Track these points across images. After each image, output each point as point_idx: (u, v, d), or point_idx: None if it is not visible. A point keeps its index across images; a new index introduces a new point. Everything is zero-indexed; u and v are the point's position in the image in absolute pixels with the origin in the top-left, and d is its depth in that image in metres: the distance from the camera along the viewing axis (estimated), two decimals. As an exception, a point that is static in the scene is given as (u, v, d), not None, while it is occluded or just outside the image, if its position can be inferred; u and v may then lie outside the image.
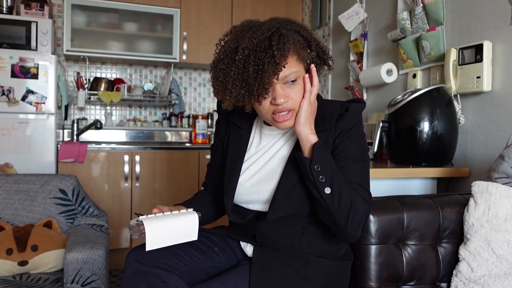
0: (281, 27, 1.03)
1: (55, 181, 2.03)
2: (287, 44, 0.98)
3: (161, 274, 1.04)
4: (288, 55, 0.99)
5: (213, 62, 1.06)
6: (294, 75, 1.02)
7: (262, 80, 0.97)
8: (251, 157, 1.18)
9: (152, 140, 3.65)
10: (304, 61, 1.06)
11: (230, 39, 1.04)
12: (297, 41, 1.03)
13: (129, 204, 3.03)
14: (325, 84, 3.23)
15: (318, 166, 1.00)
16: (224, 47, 1.04)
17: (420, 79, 2.17)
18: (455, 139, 1.83)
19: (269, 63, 0.96)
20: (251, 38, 0.98)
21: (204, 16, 3.43)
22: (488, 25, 1.77)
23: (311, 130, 1.05)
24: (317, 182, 1.00)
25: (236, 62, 0.98)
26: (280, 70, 0.98)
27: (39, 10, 2.85)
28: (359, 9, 2.64)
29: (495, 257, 1.19)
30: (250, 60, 0.97)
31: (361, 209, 1.03)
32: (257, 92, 0.99)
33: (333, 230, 1.07)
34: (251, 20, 1.08)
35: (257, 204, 1.15)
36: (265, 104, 1.04)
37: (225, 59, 1.01)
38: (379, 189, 1.73)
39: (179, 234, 1.05)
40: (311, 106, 1.05)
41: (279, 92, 1.02)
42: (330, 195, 1.00)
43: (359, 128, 1.10)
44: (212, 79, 1.06)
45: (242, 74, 0.98)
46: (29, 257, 1.73)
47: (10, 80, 2.69)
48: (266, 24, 1.02)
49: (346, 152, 1.08)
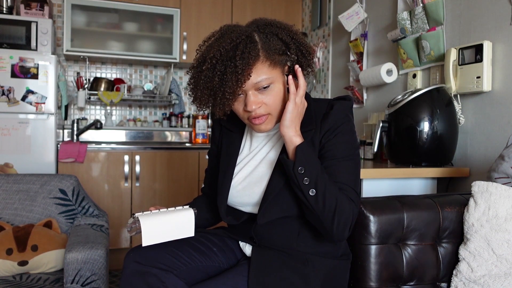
0: (258, 31, 1.03)
1: (55, 181, 2.03)
2: (252, 53, 0.98)
3: (160, 274, 1.04)
4: (255, 63, 0.99)
5: (189, 68, 1.08)
6: (266, 81, 1.02)
7: (224, 90, 0.98)
8: (243, 159, 1.19)
9: (152, 140, 3.65)
10: (281, 65, 1.05)
11: (206, 46, 1.06)
12: (273, 46, 1.02)
13: (129, 204, 3.03)
14: (325, 84, 3.23)
15: (302, 168, 1.00)
16: (199, 54, 1.06)
17: (420, 79, 2.17)
18: (455, 139, 1.83)
19: (232, 73, 0.97)
20: (219, 47, 0.99)
21: (204, 16, 3.43)
22: (488, 25, 1.77)
23: (295, 131, 1.04)
24: (301, 184, 1.00)
25: (204, 72, 1.00)
26: (244, 80, 0.98)
27: (39, 10, 2.85)
28: (359, 9, 2.64)
29: (495, 257, 1.18)
30: (216, 70, 0.99)
31: (347, 209, 1.02)
32: (221, 102, 1.00)
33: (321, 231, 1.06)
34: (229, 25, 1.08)
35: (248, 206, 1.16)
36: (238, 110, 1.07)
37: (197, 67, 1.04)
38: (379, 189, 1.73)
39: (175, 230, 1.05)
40: (297, 108, 1.04)
41: (250, 99, 1.02)
42: (314, 197, 0.99)
43: (346, 126, 1.09)
44: (187, 85, 1.10)
45: (208, 83, 1.00)
46: (29, 257, 1.73)
47: (10, 80, 2.69)
48: (237, 31, 1.02)
49: (333, 151, 1.07)
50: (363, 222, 1.23)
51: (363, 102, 2.69)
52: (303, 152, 1.01)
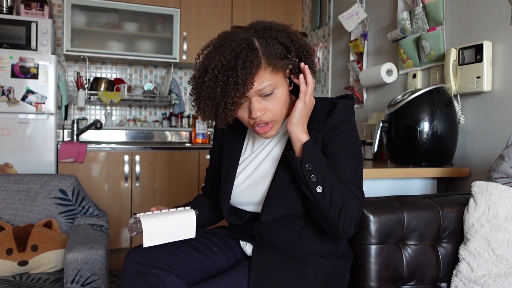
0: (258, 36, 1.03)
1: (55, 181, 2.03)
2: (254, 61, 0.97)
3: (160, 274, 1.04)
4: (257, 71, 0.99)
5: (191, 79, 1.07)
6: (269, 88, 1.02)
7: (226, 100, 0.98)
8: (245, 159, 1.19)
9: (152, 140, 3.65)
10: (283, 69, 1.05)
11: (205, 56, 1.05)
12: (273, 51, 1.02)
13: (129, 204, 3.03)
14: (325, 84, 3.23)
15: (309, 165, 1.00)
16: (199, 64, 1.05)
17: (420, 79, 2.17)
18: (455, 139, 1.83)
19: (234, 83, 0.97)
20: (220, 57, 0.98)
21: (204, 16, 3.43)
22: (488, 25, 1.77)
23: (303, 129, 1.05)
24: (308, 181, 1.00)
25: (207, 83, 1.00)
26: (247, 90, 0.98)
27: (39, 10, 2.85)
28: (359, 9, 2.64)
29: (495, 257, 1.18)
30: (218, 81, 0.98)
31: (352, 206, 1.03)
32: (223, 112, 1.00)
33: (326, 229, 1.07)
34: (227, 32, 1.07)
35: (252, 206, 1.16)
36: (243, 117, 1.06)
37: (199, 78, 1.03)
38: (379, 189, 1.73)
39: (176, 231, 1.05)
40: (306, 106, 1.05)
41: (254, 106, 1.02)
42: (321, 194, 1.00)
43: (349, 124, 1.09)
44: (189, 95, 1.09)
45: (211, 94, 1.00)
46: (29, 257, 1.73)
47: (10, 80, 2.69)
48: (237, 39, 1.01)
49: (336, 150, 1.07)
50: (363, 222, 1.23)
51: (363, 102, 2.69)
52: (311, 149, 1.01)
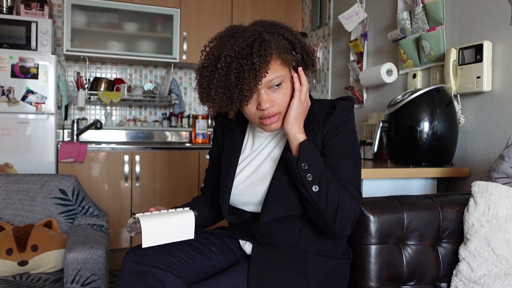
0: (265, 31, 1.04)
1: (55, 181, 2.03)
2: (268, 50, 0.99)
3: (158, 274, 1.04)
4: (270, 60, 1.00)
5: (197, 69, 1.07)
6: (278, 79, 1.03)
7: (242, 87, 0.98)
8: (245, 159, 1.19)
9: (152, 140, 3.65)
10: (289, 64, 1.07)
11: (214, 46, 1.05)
12: (281, 45, 1.04)
13: (129, 204, 3.03)
14: (325, 84, 3.23)
15: (305, 164, 1.01)
16: (208, 54, 1.05)
17: (420, 79, 2.17)
18: (455, 139, 1.83)
19: (249, 70, 0.97)
20: (233, 45, 0.99)
21: (204, 16, 3.43)
22: (488, 25, 1.77)
23: (299, 128, 1.06)
24: (304, 180, 1.01)
25: (219, 70, 1.00)
26: (262, 77, 0.99)
27: (39, 10, 2.85)
28: (359, 9, 2.64)
29: (495, 257, 1.18)
30: (232, 68, 0.98)
31: (349, 206, 1.03)
32: (238, 99, 1.00)
33: (323, 228, 1.07)
34: (235, 25, 1.09)
35: (251, 206, 1.16)
36: (251, 110, 1.06)
37: (209, 67, 1.03)
38: (379, 189, 1.73)
39: (175, 232, 1.05)
40: (301, 105, 1.07)
41: (263, 97, 1.03)
42: (317, 193, 1.00)
43: (348, 126, 1.11)
44: (197, 86, 1.08)
45: (224, 82, 1.00)
46: (29, 257, 1.73)
47: (10, 80, 2.69)
48: (248, 30, 1.03)
49: (335, 150, 1.08)
50: (363, 222, 1.23)
51: (363, 102, 2.69)
52: (307, 149, 1.02)
